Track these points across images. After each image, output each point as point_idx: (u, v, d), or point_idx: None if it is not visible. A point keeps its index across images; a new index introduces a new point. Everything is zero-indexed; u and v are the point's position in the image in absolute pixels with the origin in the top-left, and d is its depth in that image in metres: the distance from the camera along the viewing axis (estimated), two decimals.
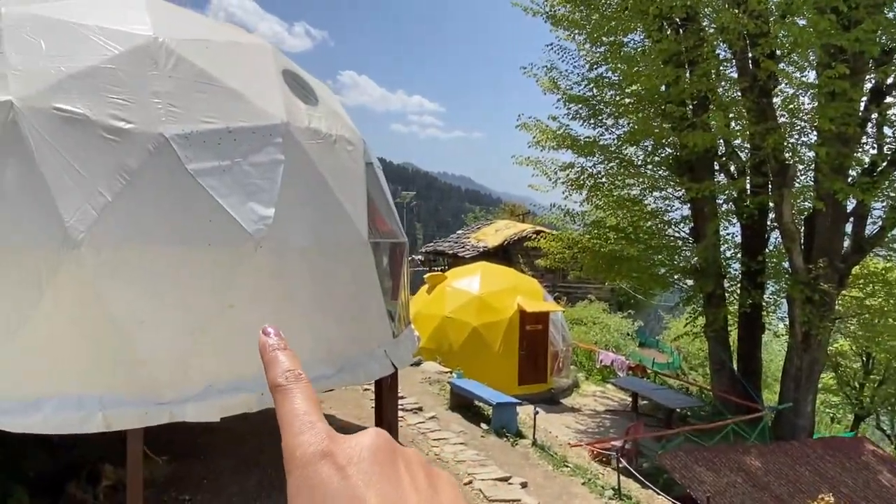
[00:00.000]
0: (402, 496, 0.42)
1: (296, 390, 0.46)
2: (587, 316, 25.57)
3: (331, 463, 0.41)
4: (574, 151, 15.14)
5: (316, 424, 0.43)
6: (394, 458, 0.45)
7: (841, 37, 9.96)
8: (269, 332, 0.50)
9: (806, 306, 12.32)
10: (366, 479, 0.41)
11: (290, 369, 0.47)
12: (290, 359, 0.49)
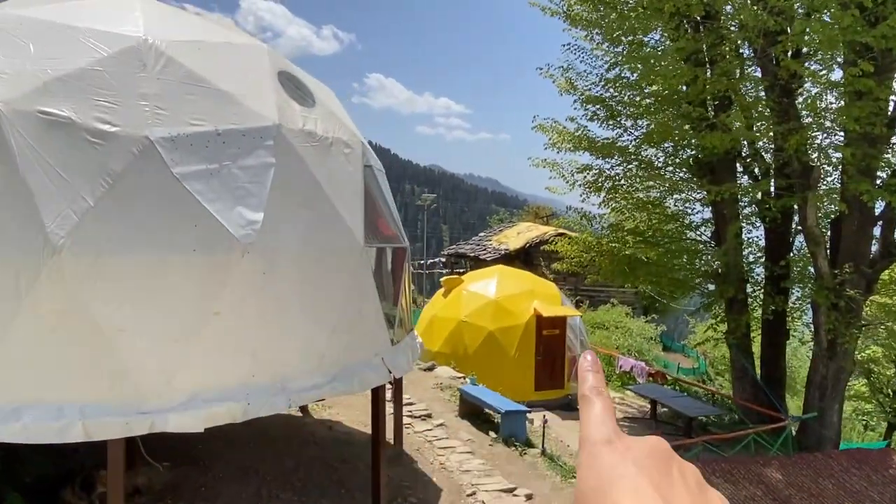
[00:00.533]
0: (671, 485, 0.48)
1: (597, 401, 0.55)
2: (609, 320, 25.17)
3: (612, 448, 0.50)
4: (592, 153, 14.86)
5: (608, 424, 0.53)
6: (669, 460, 0.51)
7: (866, 33, 9.55)
8: (587, 356, 0.59)
9: (831, 313, 11.87)
10: (638, 463, 0.49)
11: (596, 386, 0.56)
12: (598, 378, 0.57)
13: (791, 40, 10.19)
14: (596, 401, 0.55)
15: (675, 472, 0.50)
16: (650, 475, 0.48)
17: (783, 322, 14.09)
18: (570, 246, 16.28)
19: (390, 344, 6.83)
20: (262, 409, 5.26)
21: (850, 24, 9.70)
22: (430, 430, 9.93)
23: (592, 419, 0.54)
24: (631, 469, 0.48)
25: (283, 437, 9.01)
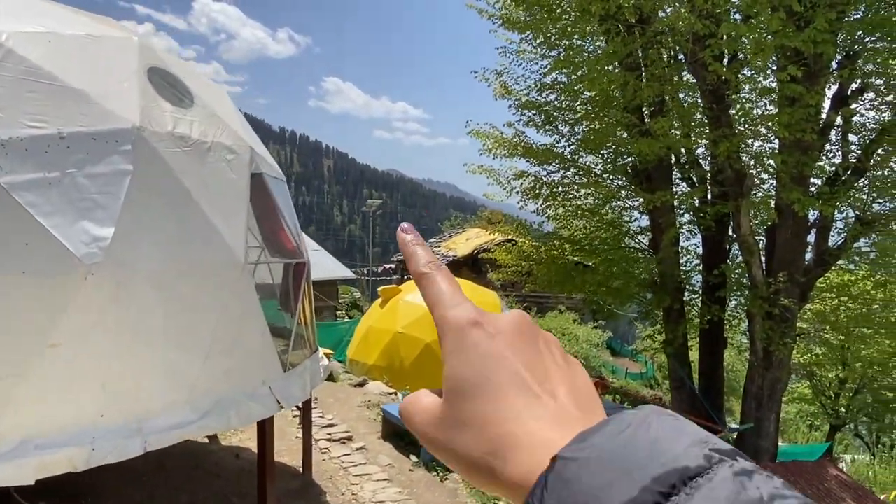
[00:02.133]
0: (543, 364, 0.48)
1: (438, 275, 0.51)
2: (556, 327, 24.91)
3: (480, 329, 0.47)
4: (529, 159, 14.47)
5: (463, 302, 0.49)
6: (535, 335, 0.50)
7: (796, 38, 9.32)
8: (406, 228, 0.55)
9: (766, 322, 11.67)
10: (511, 346, 0.47)
11: (431, 260, 0.52)
12: (428, 252, 0.53)
13: (718, 44, 9.92)
14: (437, 276, 0.51)
15: (543, 348, 0.49)
16: (524, 358, 0.47)
17: (721, 331, 13.90)
18: (508, 254, 15.87)
19: (282, 370, 6.20)
20: (111, 454, 4.58)
21: (779, 29, 9.46)
22: (348, 454, 9.30)
23: (444, 297, 0.50)
24: (506, 354, 0.46)
25: (183, 468, 8.29)
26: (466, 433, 0.45)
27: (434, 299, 0.50)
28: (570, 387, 0.48)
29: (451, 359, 0.48)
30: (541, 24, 12.55)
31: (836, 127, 12.33)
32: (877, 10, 10.85)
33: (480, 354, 0.46)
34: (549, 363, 0.48)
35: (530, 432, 0.43)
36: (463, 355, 0.47)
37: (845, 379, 20.29)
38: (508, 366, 0.46)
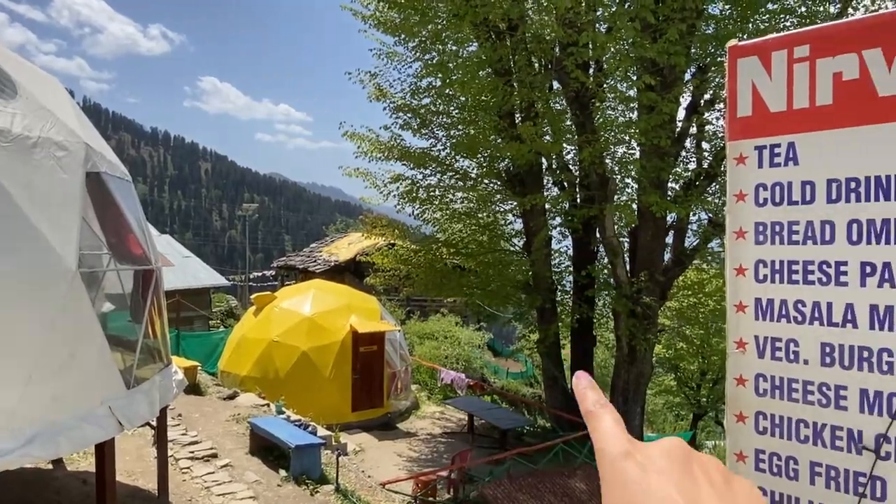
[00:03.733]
0: (697, 489, 0.47)
1: (604, 413, 0.54)
2: (439, 330, 25.00)
3: (632, 460, 0.48)
4: (405, 162, 14.40)
5: (620, 435, 0.51)
6: (689, 459, 0.50)
7: (650, 48, 9.82)
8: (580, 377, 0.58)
9: (630, 320, 12.21)
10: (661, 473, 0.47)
11: (599, 399, 0.55)
12: (597, 393, 0.56)
13: (580, 53, 10.29)
14: (603, 413, 0.54)
15: (697, 471, 0.50)
16: (674, 481, 0.48)
17: (590, 330, 14.43)
18: (386, 258, 15.72)
19: (125, 387, 5.70)
20: None
21: (636, 40, 9.93)
22: (211, 473, 8.78)
23: (605, 433, 0.52)
24: (654, 479, 0.47)
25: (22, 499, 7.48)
26: None
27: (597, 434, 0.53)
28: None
29: (606, 488, 0.49)
30: (413, 27, 12.52)
31: (690, 135, 13.14)
32: (725, 26, 11.67)
33: (630, 483, 0.47)
34: (704, 485, 0.48)
35: None
36: (617, 490, 0.48)
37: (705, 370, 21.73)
38: (657, 491, 0.46)
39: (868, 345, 1.89)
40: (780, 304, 2.06)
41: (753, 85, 2.10)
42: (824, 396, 1.97)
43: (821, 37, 1.98)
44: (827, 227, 1.96)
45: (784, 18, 11.37)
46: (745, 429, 2.15)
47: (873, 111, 1.86)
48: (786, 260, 2.04)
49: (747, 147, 2.13)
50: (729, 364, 2.20)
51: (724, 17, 11.75)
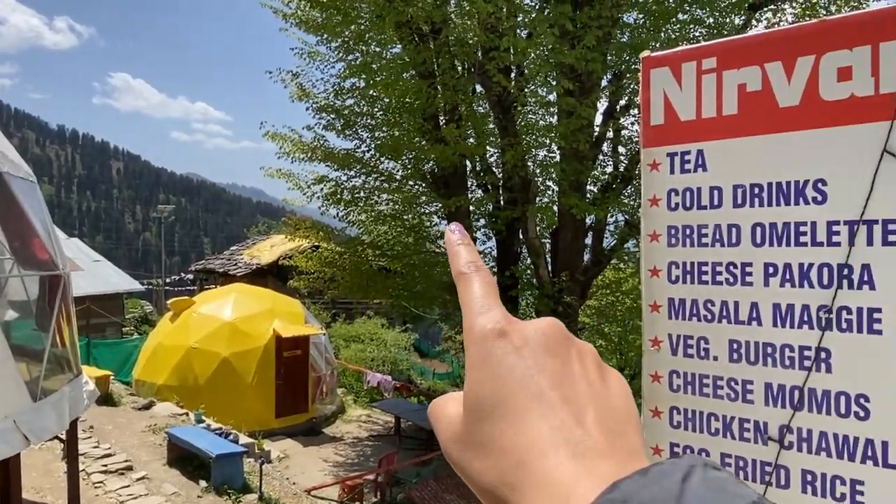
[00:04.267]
0: (573, 382, 0.43)
1: (475, 277, 0.49)
2: (365, 332, 24.83)
3: (506, 341, 0.43)
4: (329, 164, 14.23)
5: (493, 308, 0.46)
6: (567, 346, 0.46)
7: (569, 54, 10.09)
8: (454, 229, 0.53)
9: None
10: (538, 360, 0.43)
11: (472, 260, 0.50)
12: (471, 251, 0.51)
13: (501, 57, 10.46)
14: (474, 278, 0.49)
15: (574, 358, 0.45)
16: (551, 374, 0.43)
17: None
18: (310, 261, 15.49)
19: (31, 399, 5.38)
20: None
21: (555, 46, 10.17)
22: (126, 486, 8.41)
23: (475, 303, 0.47)
24: (531, 370, 0.42)
25: None
26: (482, 458, 0.42)
27: (465, 302, 0.48)
28: (603, 408, 0.43)
29: (472, 372, 0.44)
30: (336, 27, 12.39)
31: (607, 139, 13.57)
32: (639, 35, 12.12)
33: (503, 370, 0.42)
34: (580, 380, 0.44)
35: (549, 469, 0.39)
36: (484, 369, 0.43)
37: (623, 366, 22.52)
38: (532, 385, 0.42)
39: (772, 341, 2.00)
40: (691, 303, 2.16)
41: (665, 94, 2.19)
42: (732, 391, 2.08)
43: (727, 49, 2.09)
44: (733, 230, 2.07)
45: (693, 28, 11.93)
46: (661, 423, 2.24)
47: (774, 121, 1.98)
48: (696, 261, 2.15)
49: (660, 154, 2.22)
50: (645, 361, 2.29)
51: (639, 26, 12.22)
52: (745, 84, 2.02)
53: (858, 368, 1.86)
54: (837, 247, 1.88)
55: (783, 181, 1.97)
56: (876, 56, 1.80)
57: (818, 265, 1.91)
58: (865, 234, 1.83)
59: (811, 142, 1.91)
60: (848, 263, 1.86)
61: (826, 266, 1.90)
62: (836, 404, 1.89)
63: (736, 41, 2.12)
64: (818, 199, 1.91)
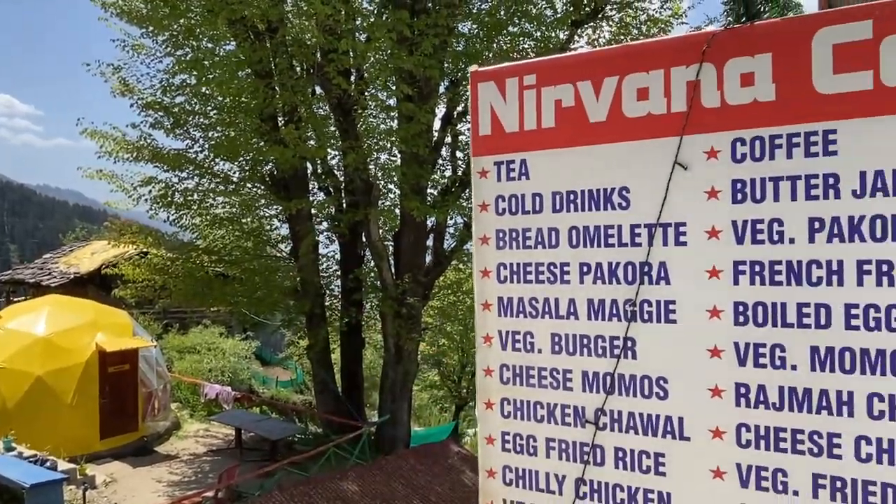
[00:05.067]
0: None
1: None
2: (201, 343, 23.51)
3: None
4: (158, 164, 13.35)
5: None
6: None
7: (407, 60, 10.28)
8: None
9: (396, 320, 12.65)
10: None
11: None
12: None
13: (340, 59, 10.44)
14: None
15: None
16: None
17: (359, 332, 14.68)
18: (138, 268, 14.45)
19: None
20: None
21: (393, 50, 10.33)
22: None
23: None
24: None
25: None
26: None
27: None
28: None
29: None
30: (163, 20, 11.67)
31: (446, 144, 13.99)
32: (473, 44, 12.62)
33: None
34: None
35: None
36: None
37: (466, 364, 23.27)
38: None
39: (587, 333, 2.22)
40: (518, 301, 2.34)
41: (492, 107, 2.35)
42: (555, 380, 2.28)
43: (545, 68, 2.28)
44: (553, 233, 2.26)
45: (523, 41, 12.64)
46: (493, 414, 2.40)
47: (586, 134, 2.19)
48: (521, 262, 2.32)
49: (488, 162, 2.37)
50: (478, 357, 2.44)
51: (473, 36, 12.73)
52: (561, 100, 2.22)
53: (658, 354, 2.11)
54: (639, 247, 2.12)
55: (594, 189, 2.19)
56: (668, 79, 2.06)
57: (624, 264, 2.15)
58: (661, 236, 2.08)
59: (616, 154, 2.14)
60: (648, 262, 2.11)
61: (630, 264, 2.14)
62: (640, 387, 2.14)
63: (553, 60, 2.32)
64: (623, 204, 2.15)
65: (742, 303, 1.97)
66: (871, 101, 1.80)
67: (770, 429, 1.95)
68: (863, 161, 1.82)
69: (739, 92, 1.96)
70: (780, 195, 1.92)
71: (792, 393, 1.91)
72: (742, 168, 1.97)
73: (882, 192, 1.80)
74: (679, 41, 2.06)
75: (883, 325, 1.80)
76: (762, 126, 1.94)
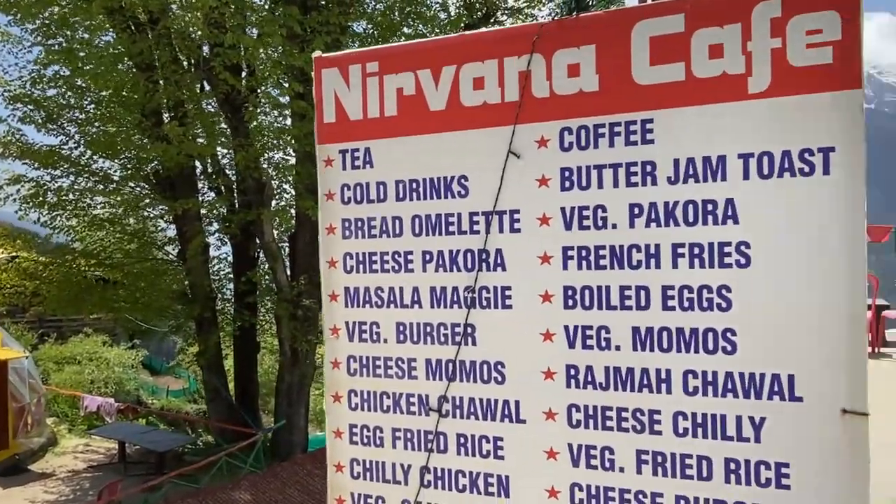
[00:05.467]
0: None
1: None
2: (82, 352, 22.07)
3: None
4: (27, 161, 12.44)
5: None
6: None
7: (298, 57, 10.07)
8: None
9: (292, 323, 12.35)
10: None
11: None
12: None
13: (227, 54, 10.09)
14: None
15: None
16: None
17: (254, 336, 14.24)
18: (6, 273, 13.42)
19: None
20: None
21: (284, 47, 10.09)
22: None
23: None
24: None
25: None
26: None
27: None
28: None
29: None
30: (31, 7, 10.87)
31: None
32: (367, 45, 12.54)
33: None
34: None
35: None
36: None
37: None
38: None
39: (430, 321, 2.22)
40: (364, 291, 2.31)
41: (336, 94, 2.31)
42: (400, 369, 2.27)
43: (387, 55, 2.27)
44: (396, 221, 2.26)
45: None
46: (341, 407, 2.36)
47: (427, 123, 2.19)
48: (367, 252, 2.30)
49: (333, 150, 2.34)
50: (326, 349, 2.39)
51: (367, 36, 12.65)
52: (403, 88, 2.21)
53: (496, 340, 2.14)
54: (477, 234, 2.15)
55: (435, 177, 2.19)
56: (502, 69, 2.09)
57: (463, 251, 2.17)
58: (498, 223, 2.12)
59: (455, 142, 2.16)
60: (486, 249, 2.13)
61: (470, 252, 2.16)
62: (480, 372, 2.16)
63: (395, 48, 2.32)
64: (462, 192, 2.17)
65: (571, 287, 2.03)
66: (684, 91, 1.90)
67: (598, 408, 2.02)
68: (676, 149, 1.92)
69: (567, 82, 2.02)
70: (604, 182, 1.99)
71: (616, 373, 1.99)
72: (569, 156, 2.03)
73: (693, 179, 1.90)
74: (512, 32, 2.11)
75: (696, 305, 1.90)
76: (587, 115, 2.00)
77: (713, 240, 1.88)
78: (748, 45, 1.82)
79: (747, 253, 1.84)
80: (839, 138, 1.74)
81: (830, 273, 1.75)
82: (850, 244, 1.72)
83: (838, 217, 1.74)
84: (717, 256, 1.87)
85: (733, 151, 1.85)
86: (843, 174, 1.74)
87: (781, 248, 1.80)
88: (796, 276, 1.79)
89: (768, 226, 1.82)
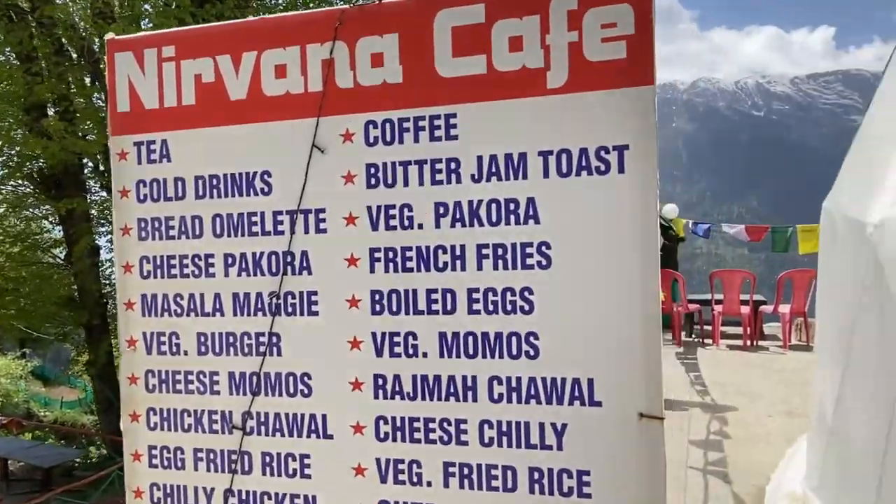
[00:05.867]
0: None
1: None
2: None
3: None
4: None
5: None
6: None
7: None
8: None
9: None
10: None
11: None
12: None
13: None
14: None
15: None
16: None
17: None
18: None
19: None
20: None
21: None
22: None
23: None
24: None
25: None
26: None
27: None
28: None
29: None
30: None
31: None
32: None
33: None
34: None
35: None
36: None
37: None
38: None
39: (233, 330, 2.04)
40: (162, 298, 2.10)
41: (130, 81, 2.09)
42: (202, 384, 2.07)
43: (184, 38, 2.07)
44: (196, 221, 2.06)
45: None
46: (139, 427, 2.14)
47: (228, 113, 2.01)
48: (165, 255, 2.09)
49: (128, 143, 2.12)
50: (122, 363, 2.16)
51: None
52: (201, 75, 2.02)
53: (302, 349, 1.98)
54: (282, 235, 1.98)
55: (237, 172, 2.01)
56: (304, 56, 1.93)
57: (268, 253, 2.00)
58: (303, 223, 1.96)
59: (257, 135, 1.99)
60: (291, 251, 1.97)
61: (274, 254, 1.99)
62: (286, 385, 2.00)
63: (192, 31, 2.12)
64: (265, 189, 2.00)
65: (378, 291, 1.90)
66: (486, 85, 1.80)
67: (405, 420, 1.89)
68: (479, 146, 1.82)
69: (370, 73, 1.89)
70: (410, 180, 1.87)
71: (424, 381, 1.87)
72: (375, 152, 1.90)
73: (496, 177, 1.81)
74: (314, 16, 1.95)
75: (500, 308, 1.81)
76: (392, 109, 1.88)
77: (516, 240, 1.79)
78: (546, 39, 1.74)
79: (548, 254, 1.76)
80: (632, 136, 1.68)
81: (625, 274, 1.69)
82: (643, 244, 1.66)
83: (632, 217, 1.68)
84: (519, 257, 1.78)
85: (534, 149, 1.77)
86: (636, 173, 1.68)
87: (579, 248, 1.73)
88: (594, 278, 1.72)
89: (567, 226, 1.74)
